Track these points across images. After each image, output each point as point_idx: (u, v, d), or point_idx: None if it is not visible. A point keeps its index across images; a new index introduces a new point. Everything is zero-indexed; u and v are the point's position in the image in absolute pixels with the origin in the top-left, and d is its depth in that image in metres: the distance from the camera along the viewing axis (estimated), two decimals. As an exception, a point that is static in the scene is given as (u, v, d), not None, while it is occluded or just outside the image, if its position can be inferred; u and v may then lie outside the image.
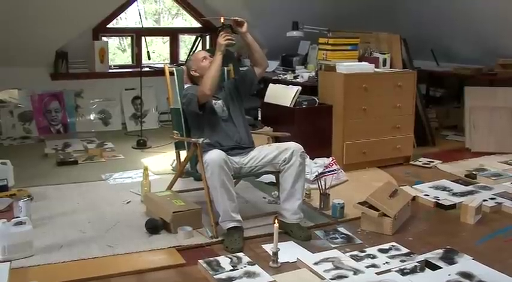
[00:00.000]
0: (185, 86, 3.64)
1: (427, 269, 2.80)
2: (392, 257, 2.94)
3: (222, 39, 3.24)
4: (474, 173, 4.51)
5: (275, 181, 3.60)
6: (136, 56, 6.52)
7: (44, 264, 2.80)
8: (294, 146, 3.22)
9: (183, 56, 6.85)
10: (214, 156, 2.99)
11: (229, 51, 6.30)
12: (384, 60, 4.82)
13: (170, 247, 3.03)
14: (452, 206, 3.76)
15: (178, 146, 3.60)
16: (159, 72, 5.86)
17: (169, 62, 6.80)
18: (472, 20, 5.86)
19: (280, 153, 3.22)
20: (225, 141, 3.32)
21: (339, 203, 3.54)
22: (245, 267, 2.78)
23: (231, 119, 3.42)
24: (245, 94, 3.56)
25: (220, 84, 3.49)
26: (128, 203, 3.78)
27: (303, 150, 3.23)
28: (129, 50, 6.95)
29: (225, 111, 3.43)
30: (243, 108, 3.56)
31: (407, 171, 4.69)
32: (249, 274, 2.70)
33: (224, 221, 3.08)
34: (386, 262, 2.87)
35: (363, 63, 4.72)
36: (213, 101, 3.39)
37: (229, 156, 3.12)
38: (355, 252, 2.98)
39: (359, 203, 3.37)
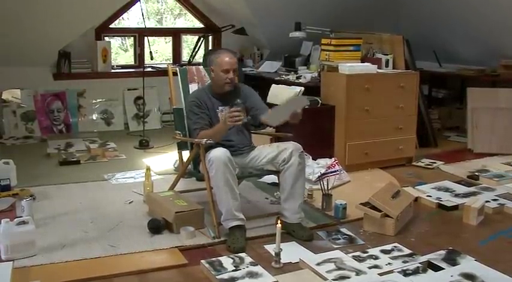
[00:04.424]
0: (189, 86, 3.64)
1: (429, 270, 2.80)
2: (395, 258, 2.93)
3: (230, 120, 3.03)
4: (476, 174, 4.50)
5: (277, 181, 3.60)
6: (139, 56, 6.53)
7: (47, 263, 2.81)
8: (292, 146, 3.22)
9: (185, 56, 6.86)
10: (218, 153, 2.99)
11: (233, 51, 6.31)
12: (387, 61, 4.82)
13: (172, 247, 3.03)
14: (455, 207, 3.76)
15: (181, 146, 3.60)
16: (161, 72, 5.91)
17: (171, 62, 6.81)
18: (474, 21, 5.85)
19: (279, 153, 3.22)
20: (226, 143, 3.30)
21: (341, 204, 3.54)
22: (247, 267, 2.78)
23: (233, 128, 3.32)
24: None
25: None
26: (130, 203, 3.78)
27: (302, 150, 3.22)
28: (131, 50, 6.96)
29: None
30: (247, 119, 3.43)
31: (409, 172, 4.69)
32: (251, 274, 2.70)
33: (227, 220, 3.08)
34: (389, 263, 2.87)
35: (366, 64, 4.72)
36: (220, 107, 3.35)
37: (231, 157, 3.11)
38: (358, 253, 2.98)
39: (361, 204, 3.37)
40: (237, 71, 3.37)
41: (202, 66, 3.90)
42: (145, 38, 6.08)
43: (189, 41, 7.13)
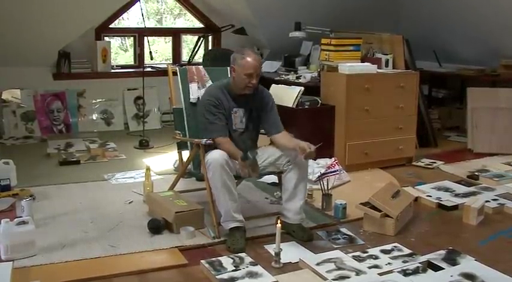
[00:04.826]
0: (190, 85, 3.63)
1: (429, 269, 2.80)
2: (395, 257, 2.93)
3: (241, 172, 3.08)
4: (476, 174, 4.51)
5: (277, 181, 3.60)
6: (139, 56, 6.53)
7: (46, 263, 2.80)
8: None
9: (185, 56, 6.86)
10: (216, 156, 2.99)
11: (232, 51, 6.29)
12: (387, 61, 4.82)
13: (172, 247, 3.03)
14: (455, 207, 3.76)
15: (181, 146, 3.60)
16: (161, 72, 5.92)
17: (171, 62, 6.82)
18: (474, 21, 5.85)
19: (283, 154, 3.22)
20: None
21: (341, 204, 3.54)
22: (247, 267, 2.78)
23: (245, 132, 3.30)
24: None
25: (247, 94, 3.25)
26: (130, 203, 3.78)
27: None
28: (131, 50, 6.96)
29: (243, 123, 3.28)
30: (259, 125, 3.40)
31: (409, 172, 4.69)
32: (251, 274, 2.70)
33: (226, 221, 3.08)
34: (389, 263, 2.87)
35: (366, 63, 4.73)
36: (234, 109, 3.25)
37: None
38: (358, 253, 2.98)
39: (361, 204, 3.37)
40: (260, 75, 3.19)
41: (202, 66, 3.89)
42: (145, 38, 6.07)
43: (188, 41, 7.13)
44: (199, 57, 6.49)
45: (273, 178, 3.92)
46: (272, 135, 3.30)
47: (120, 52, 7.30)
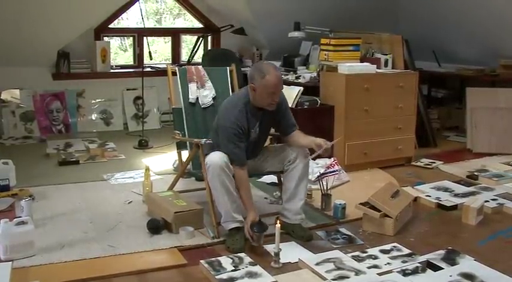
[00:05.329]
0: (189, 85, 3.63)
1: (428, 269, 2.80)
2: (394, 257, 2.93)
3: (245, 233, 3.03)
4: (476, 174, 4.51)
5: (277, 181, 3.60)
6: (138, 56, 6.52)
7: (46, 264, 2.80)
8: (298, 147, 3.21)
9: (184, 56, 6.86)
10: (215, 158, 2.99)
11: (232, 51, 6.32)
12: (386, 61, 4.82)
13: (172, 247, 3.03)
14: (454, 207, 3.76)
15: (180, 146, 3.60)
16: (160, 72, 5.92)
17: (171, 62, 6.82)
18: (474, 21, 5.86)
19: (285, 154, 3.22)
20: None
21: (340, 204, 3.54)
22: (247, 267, 2.78)
23: (256, 141, 3.24)
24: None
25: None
26: (129, 203, 3.78)
27: (308, 150, 3.22)
28: (130, 50, 6.96)
29: (256, 133, 3.19)
30: (270, 128, 3.37)
31: (408, 172, 4.69)
32: (250, 274, 2.70)
33: (226, 222, 3.08)
34: (388, 263, 2.87)
35: (365, 63, 4.72)
36: (252, 130, 3.16)
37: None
38: (357, 253, 2.98)
39: (360, 204, 3.37)
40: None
41: (201, 66, 3.90)
42: (145, 38, 6.07)
43: (188, 41, 7.13)
44: (198, 57, 6.49)
45: (272, 178, 3.92)
46: (287, 135, 3.28)
47: (120, 52, 7.30)
